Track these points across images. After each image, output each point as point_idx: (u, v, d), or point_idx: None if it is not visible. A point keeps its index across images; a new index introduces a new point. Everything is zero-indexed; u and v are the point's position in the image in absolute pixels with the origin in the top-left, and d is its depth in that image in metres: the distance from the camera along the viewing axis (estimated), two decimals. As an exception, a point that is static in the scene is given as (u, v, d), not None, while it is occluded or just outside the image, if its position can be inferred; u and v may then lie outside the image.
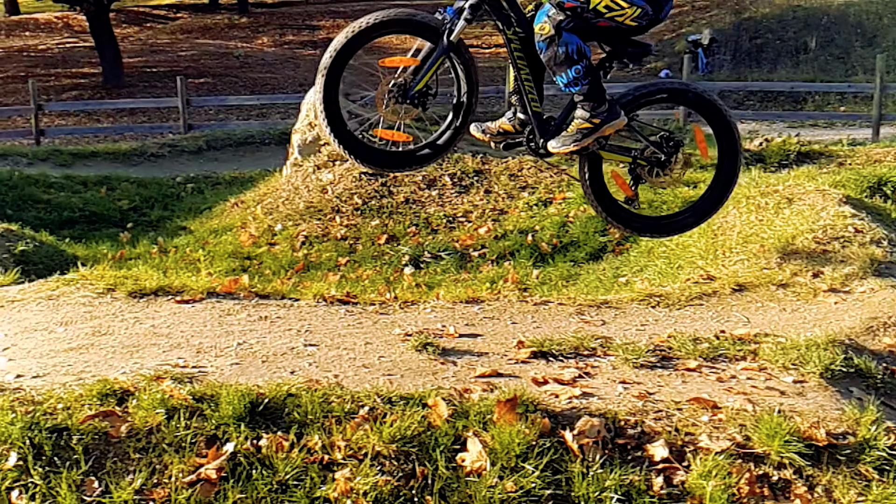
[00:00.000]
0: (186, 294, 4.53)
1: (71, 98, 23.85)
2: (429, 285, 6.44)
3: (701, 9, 28.06)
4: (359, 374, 3.59)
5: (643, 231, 4.66)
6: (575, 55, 3.91)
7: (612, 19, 3.96)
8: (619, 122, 4.10)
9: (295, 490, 2.96)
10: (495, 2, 4.06)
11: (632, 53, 4.21)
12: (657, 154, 4.30)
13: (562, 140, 4.10)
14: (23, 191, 11.22)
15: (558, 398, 3.38)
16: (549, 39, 3.90)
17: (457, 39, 4.05)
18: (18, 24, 35.57)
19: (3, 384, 3.35)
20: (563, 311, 4.43)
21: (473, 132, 4.36)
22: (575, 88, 4.00)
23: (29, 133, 17.92)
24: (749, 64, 23.62)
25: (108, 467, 2.99)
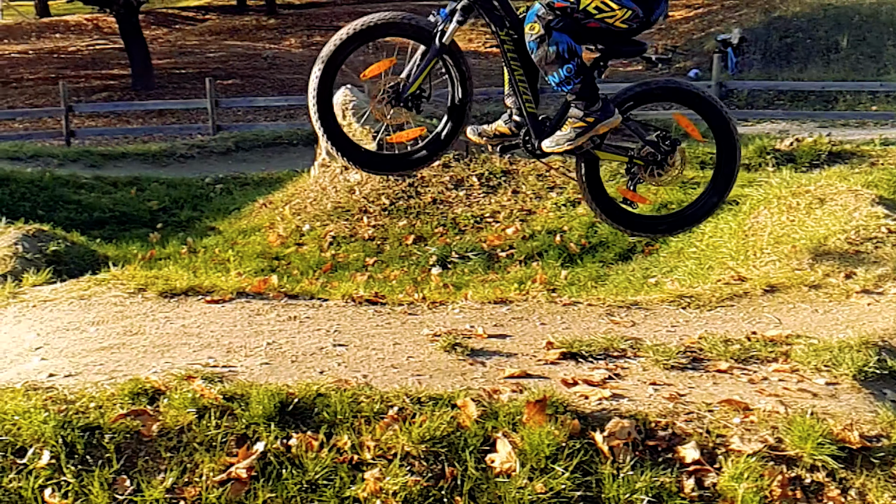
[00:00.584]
0: (216, 294, 4.55)
1: (101, 99, 24.06)
2: (456, 286, 6.43)
3: (730, 8, 27.86)
4: (388, 374, 3.60)
5: (640, 231, 4.62)
6: (566, 54, 3.90)
7: (602, 21, 3.95)
8: (613, 120, 4.08)
9: (325, 490, 2.97)
10: (487, 3, 4.05)
11: (626, 52, 4.20)
12: (654, 153, 4.25)
13: (555, 139, 4.09)
14: (54, 191, 11.32)
15: (588, 399, 3.37)
16: (540, 39, 3.90)
17: (449, 42, 4.04)
18: (49, 26, 35.93)
19: (36, 383, 3.38)
20: (592, 311, 4.41)
21: (470, 135, 4.36)
22: (567, 87, 3.98)
23: (60, 134, 18.10)
24: (779, 63, 23.40)
25: (140, 466, 3.01)
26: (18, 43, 33.44)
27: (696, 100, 4.30)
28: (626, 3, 3.95)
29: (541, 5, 3.93)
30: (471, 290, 4.97)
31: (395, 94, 4.06)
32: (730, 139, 4.34)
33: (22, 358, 3.85)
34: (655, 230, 4.66)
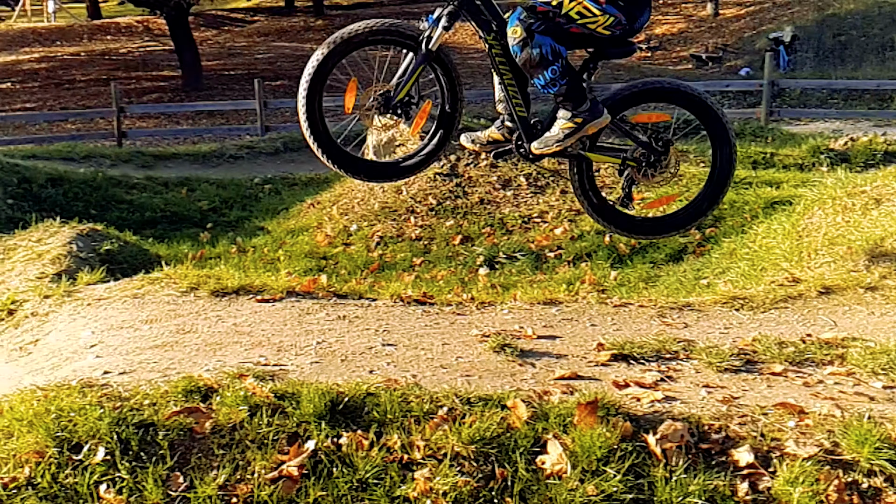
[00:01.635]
0: (267, 293, 4.59)
1: (151, 100, 24.38)
2: (504, 286, 6.41)
3: (783, 6, 27.48)
4: (437, 374, 3.59)
5: (635, 232, 4.55)
6: (549, 56, 3.87)
7: (584, 26, 3.92)
8: (601, 120, 4.03)
9: (375, 489, 2.97)
10: (474, 8, 4.03)
11: (615, 53, 4.16)
12: (647, 154, 4.19)
13: (544, 141, 4.06)
14: (106, 191, 11.50)
15: (640, 402, 3.33)
16: (523, 42, 3.87)
17: (436, 48, 4.02)
18: (100, 28, 36.51)
19: (92, 380, 3.43)
20: (643, 313, 4.36)
21: (463, 142, 4.34)
22: (553, 89, 3.95)
23: (111, 135, 18.37)
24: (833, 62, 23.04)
25: (193, 463, 3.04)
26: (71, 45, 34.01)
27: (690, 100, 4.23)
28: (609, 10, 3.92)
29: (523, 9, 3.92)
30: (519, 290, 4.94)
31: (385, 102, 4.05)
32: (726, 140, 4.26)
33: (77, 355, 3.91)
34: (651, 232, 4.57)
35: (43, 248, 5.92)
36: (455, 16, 3.98)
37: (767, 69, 16.88)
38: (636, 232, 4.54)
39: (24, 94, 26.37)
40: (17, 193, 10.97)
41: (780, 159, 10.13)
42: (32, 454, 2.98)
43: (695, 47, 26.60)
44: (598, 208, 4.34)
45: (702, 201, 4.37)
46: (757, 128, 13.17)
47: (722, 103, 19.47)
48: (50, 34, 35.90)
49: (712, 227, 7.73)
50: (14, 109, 23.86)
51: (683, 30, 29.18)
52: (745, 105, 18.93)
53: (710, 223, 7.80)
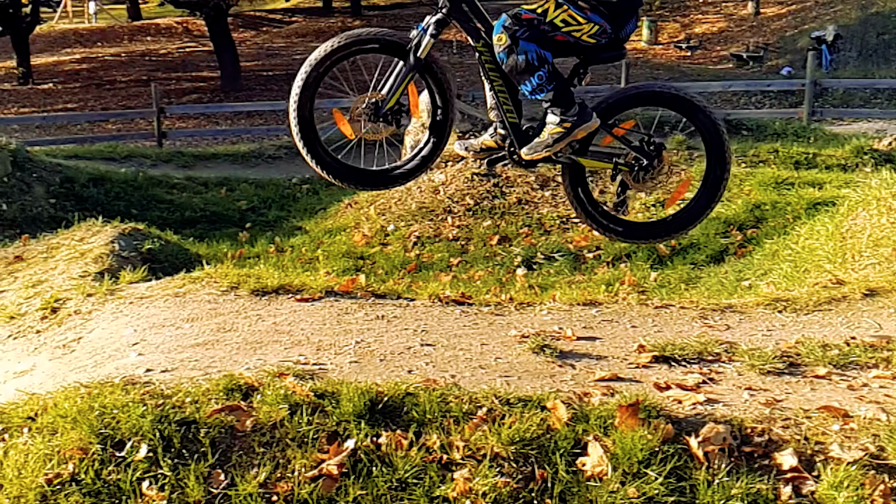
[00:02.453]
0: (306, 293, 4.61)
1: (191, 101, 24.59)
2: (542, 287, 6.39)
3: (825, 4, 27.13)
4: (475, 374, 3.59)
5: (629, 237, 4.49)
6: (535, 62, 3.86)
7: (568, 34, 3.90)
8: (590, 124, 4.00)
9: (414, 489, 2.97)
10: (463, 16, 4.02)
11: (604, 58, 4.11)
12: (639, 158, 4.16)
13: (533, 146, 4.04)
14: (147, 191, 11.63)
15: (681, 404, 3.30)
16: (508, 49, 3.86)
17: (424, 56, 4.02)
18: (140, 29, 36.91)
19: (134, 378, 3.46)
20: (685, 315, 4.33)
21: (457, 150, 4.33)
22: (541, 95, 3.93)
23: (151, 135, 18.53)
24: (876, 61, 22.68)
25: (234, 460, 3.06)
26: (111, 46, 34.42)
27: (683, 105, 4.18)
28: (593, 18, 3.90)
29: (507, 16, 3.90)
30: (558, 291, 4.92)
31: (374, 110, 4.06)
32: (719, 145, 4.21)
33: (119, 353, 3.96)
34: (644, 237, 4.52)
35: (86, 247, 5.99)
36: (443, 23, 3.99)
37: (810, 68, 16.66)
38: (632, 237, 4.50)
39: (66, 94, 26.73)
40: (60, 193, 11.12)
41: (823, 160, 10.00)
42: (76, 451, 3.01)
43: (735, 46, 26.34)
44: (592, 214, 4.32)
45: (698, 205, 4.32)
46: (799, 128, 12.99)
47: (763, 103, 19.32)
48: (91, 35, 36.37)
49: (753, 229, 7.66)
50: (56, 110, 24.19)
51: (723, 29, 28.92)
52: (786, 105, 18.69)
53: (752, 224, 7.72)
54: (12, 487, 2.94)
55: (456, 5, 3.97)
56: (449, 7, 3.96)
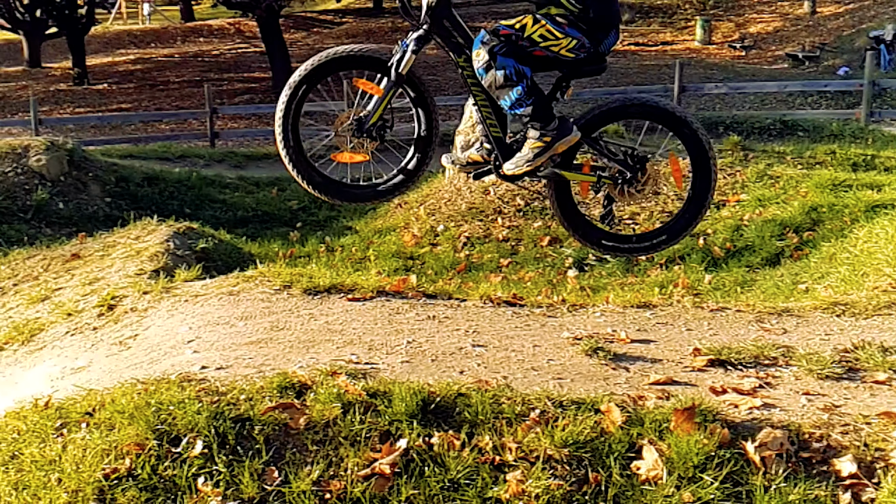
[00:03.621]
0: (357, 292, 4.63)
1: (243, 101, 24.83)
2: (594, 288, 6.34)
3: (884, 3, 26.62)
4: (528, 376, 3.57)
5: (617, 251, 4.42)
6: (514, 77, 3.86)
7: (547, 49, 3.89)
8: (571, 138, 3.98)
9: (467, 489, 2.96)
10: (445, 32, 4.02)
11: (586, 72, 4.09)
12: (623, 171, 4.12)
13: (515, 161, 4.03)
14: (200, 191, 11.77)
15: (738, 408, 3.26)
16: (486, 65, 3.87)
17: (406, 71, 4.04)
18: (193, 30, 37.37)
19: (190, 375, 3.50)
20: (741, 318, 4.27)
21: (444, 163, 4.34)
22: (520, 109, 3.92)
23: (204, 135, 18.76)
24: (937, 60, 22.22)
25: (288, 458, 3.07)
26: (165, 47, 34.90)
27: (666, 116, 4.14)
28: (571, 33, 3.88)
29: (486, 32, 3.91)
30: (611, 293, 4.87)
31: (358, 126, 4.11)
32: (704, 158, 4.16)
33: (175, 350, 4.00)
34: (632, 250, 4.44)
35: (141, 246, 6.08)
36: (425, 39, 4.01)
37: (868, 68, 16.33)
38: (622, 251, 4.44)
39: (120, 95, 27.16)
40: (115, 192, 11.30)
41: (882, 161, 9.82)
42: (133, 446, 3.05)
43: (791, 46, 25.96)
44: (578, 228, 4.29)
45: (682, 220, 4.27)
46: (857, 129, 12.76)
47: (819, 104, 19.00)
48: (145, 36, 36.91)
49: (810, 231, 7.54)
50: (110, 110, 24.59)
51: (779, 28, 28.52)
52: (843, 106, 18.36)
53: (808, 227, 7.60)
54: (70, 482, 2.98)
55: (437, 21, 3.99)
56: (430, 23, 3.99)
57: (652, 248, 4.35)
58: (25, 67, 31.07)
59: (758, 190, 8.57)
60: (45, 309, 5.30)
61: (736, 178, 8.59)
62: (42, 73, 30.63)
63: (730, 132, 12.04)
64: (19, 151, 11.12)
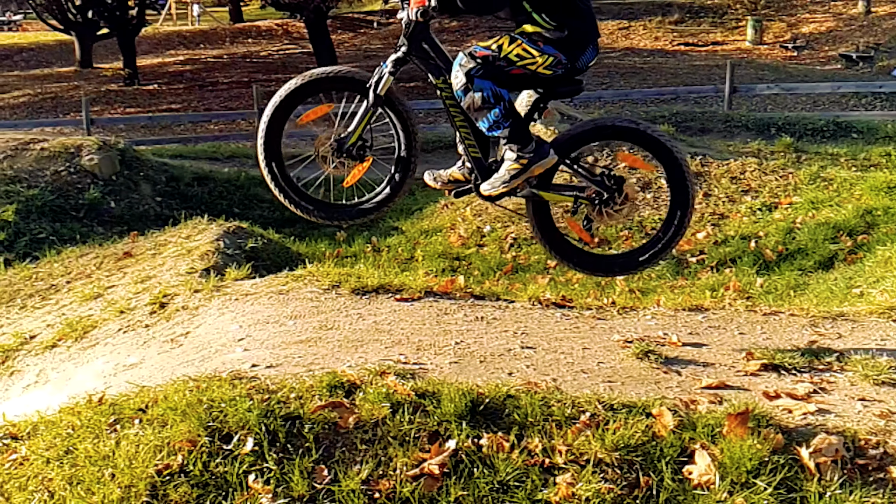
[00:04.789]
0: (405, 292, 4.64)
1: (291, 103, 24.97)
2: (643, 291, 6.29)
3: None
4: (577, 379, 3.55)
5: (597, 271, 4.36)
6: (491, 99, 3.87)
7: (524, 67, 3.89)
8: (547, 161, 3.97)
9: (516, 491, 2.94)
10: (423, 53, 4.04)
11: (563, 92, 4.11)
12: (601, 192, 4.10)
13: (491, 182, 4.04)
14: (249, 191, 11.86)
15: (791, 414, 3.21)
16: (464, 87, 3.89)
17: (384, 92, 4.07)
18: (242, 31, 37.73)
19: (241, 373, 3.53)
20: (794, 322, 4.20)
21: (426, 180, 4.34)
22: (497, 131, 3.92)
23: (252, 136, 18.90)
24: None
25: (337, 456, 3.08)
26: (214, 48, 35.29)
27: (642, 138, 4.11)
28: (548, 50, 3.88)
29: (463, 55, 3.92)
30: (662, 296, 4.82)
31: (339, 146, 4.14)
32: (681, 179, 4.11)
33: (226, 348, 4.04)
34: (620, 270, 4.38)
35: (192, 245, 6.15)
36: (402, 61, 4.03)
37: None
38: (601, 271, 4.38)
39: (170, 95, 27.50)
40: (165, 191, 11.45)
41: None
42: (185, 442, 3.08)
43: (844, 46, 25.54)
44: (558, 249, 4.26)
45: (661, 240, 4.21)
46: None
47: (873, 105, 18.66)
48: (194, 37, 37.36)
49: (864, 235, 7.41)
50: (160, 110, 24.90)
51: (832, 28, 28.09)
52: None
53: (863, 230, 7.46)
54: (123, 477, 3.02)
55: (415, 43, 4.02)
56: (408, 46, 4.02)
57: (632, 267, 4.30)
58: (77, 68, 31.61)
59: (811, 192, 8.44)
60: (97, 306, 5.37)
61: (788, 181, 8.47)
62: (93, 73, 31.14)
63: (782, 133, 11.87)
64: (72, 151, 11.31)
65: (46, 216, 10.33)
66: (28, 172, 10.87)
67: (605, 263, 4.37)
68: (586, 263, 4.27)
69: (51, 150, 11.26)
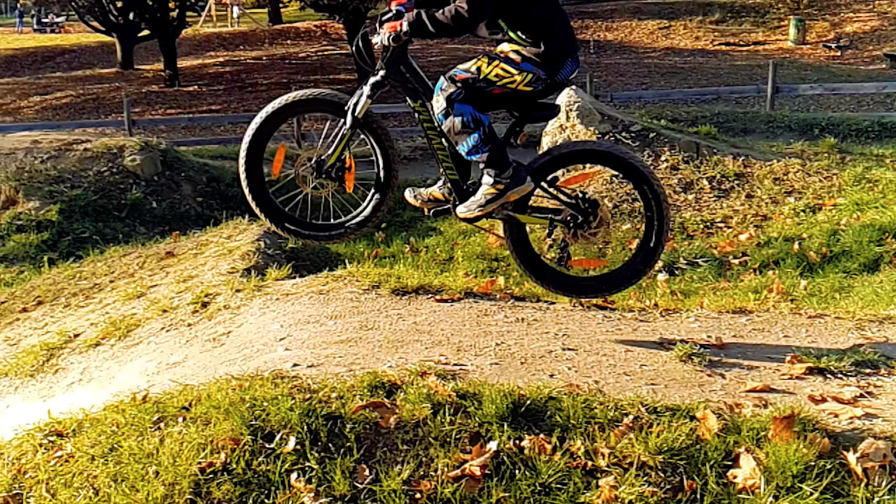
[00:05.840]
0: (445, 293, 4.64)
1: (329, 103, 25.08)
2: (684, 293, 6.23)
3: None
4: (620, 381, 3.52)
5: (574, 293, 4.31)
6: (471, 124, 3.91)
7: (504, 86, 3.94)
8: (523, 188, 4.01)
9: (558, 494, 2.92)
10: (401, 78, 4.10)
11: (539, 116, 4.15)
12: (575, 215, 4.11)
13: (467, 205, 4.08)
14: (288, 191, 11.89)
15: (838, 418, 3.16)
16: (445, 112, 3.94)
17: (361, 115, 4.13)
18: (280, 32, 38.00)
19: (283, 372, 3.54)
20: (840, 325, 4.14)
21: (407, 196, 4.39)
22: (476, 156, 3.96)
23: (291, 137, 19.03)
24: None
25: (378, 456, 3.08)
26: (253, 49, 35.58)
27: (618, 162, 4.12)
28: (525, 67, 3.91)
29: (444, 79, 3.97)
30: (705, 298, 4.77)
31: (318, 166, 4.21)
32: (657, 202, 4.10)
33: (267, 347, 4.05)
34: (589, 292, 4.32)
35: (233, 245, 6.19)
36: (380, 85, 4.08)
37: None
38: (578, 293, 4.33)
39: (210, 96, 27.78)
40: (206, 192, 11.55)
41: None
42: (228, 441, 3.09)
43: (889, 46, 25.18)
44: (534, 270, 4.25)
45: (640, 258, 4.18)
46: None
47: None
48: (233, 39, 37.70)
49: (911, 236, 7.29)
50: (201, 111, 25.17)
51: (877, 28, 27.71)
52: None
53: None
54: (167, 475, 3.04)
55: (393, 67, 4.08)
56: (386, 70, 4.08)
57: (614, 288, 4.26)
58: (118, 69, 32.04)
59: (855, 194, 8.33)
60: (140, 305, 5.43)
61: (832, 182, 8.35)
62: (134, 74, 31.54)
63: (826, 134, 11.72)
64: (115, 151, 11.45)
65: (89, 216, 10.47)
66: (71, 173, 11.02)
67: (577, 286, 4.34)
68: (568, 286, 4.27)
69: (94, 150, 11.41)
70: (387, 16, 4.13)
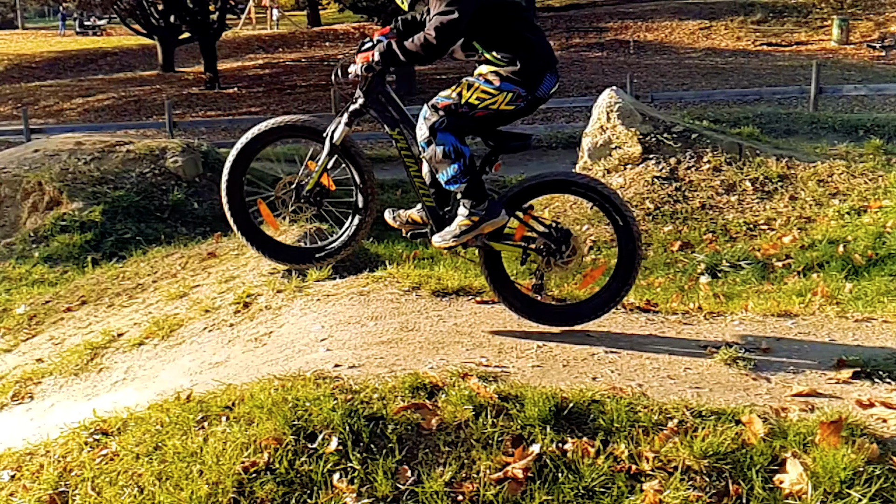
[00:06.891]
0: (486, 295, 4.62)
1: (368, 105, 25.15)
2: (727, 296, 6.15)
3: None
4: (664, 384, 3.49)
5: (549, 321, 4.26)
6: (452, 154, 3.96)
7: (487, 108, 3.99)
8: (498, 220, 4.06)
9: (602, 497, 2.90)
10: (380, 106, 4.18)
11: (513, 147, 4.16)
12: (548, 244, 4.13)
13: (442, 235, 4.15)
14: (327, 192, 11.95)
15: (886, 423, 3.12)
16: (427, 141, 3.99)
17: (339, 142, 4.23)
18: (319, 34, 38.19)
19: (324, 372, 3.55)
20: (888, 329, 4.08)
21: (386, 217, 4.45)
22: (454, 186, 4.01)
23: (331, 138, 19.13)
24: None
25: (420, 458, 3.07)
26: (292, 51, 35.80)
27: (592, 192, 4.13)
28: (505, 87, 3.96)
29: (427, 107, 4.03)
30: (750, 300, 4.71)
31: (297, 191, 4.34)
32: (629, 234, 4.10)
33: (309, 348, 4.07)
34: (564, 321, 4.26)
35: (274, 245, 6.19)
36: (359, 113, 4.18)
37: None
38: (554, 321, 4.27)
39: (250, 98, 27.98)
40: (247, 193, 11.60)
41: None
42: (271, 440, 3.11)
43: (933, 46, 24.77)
44: (508, 297, 4.25)
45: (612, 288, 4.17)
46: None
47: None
48: (273, 41, 37.96)
49: (960, 240, 7.16)
50: (240, 113, 25.35)
51: (921, 27, 27.28)
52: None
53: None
54: (211, 473, 3.06)
55: (371, 96, 4.17)
56: (364, 99, 4.16)
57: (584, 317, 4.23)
58: (159, 71, 32.40)
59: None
60: (183, 305, 5.46)
61: (878, 184, 8.22)
62: (175, 77, 31.87)
63: (870, 135, 11.54)
64: (157, 153, 11.56)
65: (132, 217, 10.58)
66: (114, 174, 11.14)
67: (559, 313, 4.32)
68: (543, 315, 4.24)
69: (136, 152, 11.53)
70: (366, 45, 4.22)
